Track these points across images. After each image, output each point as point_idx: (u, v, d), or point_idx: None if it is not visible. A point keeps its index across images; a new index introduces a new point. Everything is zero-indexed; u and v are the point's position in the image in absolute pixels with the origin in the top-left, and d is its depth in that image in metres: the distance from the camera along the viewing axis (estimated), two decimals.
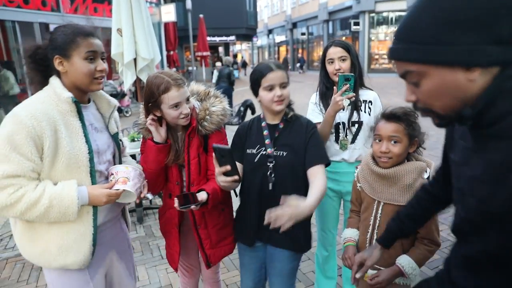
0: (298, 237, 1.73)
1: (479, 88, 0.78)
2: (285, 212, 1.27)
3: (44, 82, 1.44)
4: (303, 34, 33.59)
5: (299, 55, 34.95)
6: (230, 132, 1.85)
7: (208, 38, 18.74)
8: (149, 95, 1.64)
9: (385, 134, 1.49)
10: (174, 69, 18.40)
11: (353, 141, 2.12)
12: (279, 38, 39.69)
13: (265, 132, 1.73)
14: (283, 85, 1.66)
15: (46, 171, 1.35)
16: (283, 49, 40.53)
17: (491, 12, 0.72)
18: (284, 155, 1.69)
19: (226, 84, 8.67)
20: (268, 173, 1.67)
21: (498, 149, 0.79)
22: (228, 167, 1.45)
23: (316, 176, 1.59)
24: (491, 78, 0.77)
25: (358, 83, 2.07)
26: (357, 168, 1.76)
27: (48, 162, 1.34)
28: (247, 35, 28.10)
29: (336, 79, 1.99)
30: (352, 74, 1.92)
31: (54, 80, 1.42)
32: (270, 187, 1.67)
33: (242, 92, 14.77)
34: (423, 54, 0.78)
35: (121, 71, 4.16)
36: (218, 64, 13.26)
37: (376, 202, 1.57)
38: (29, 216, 1.31)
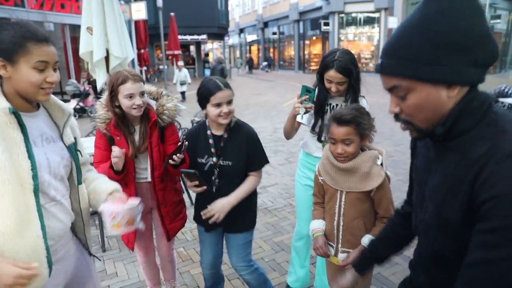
0: (242, 220, 2.04)
1: (453, 105, 0.89)
2: (213, 209, 1.87)
3: None
4: (274, 33, 33.84)
5: (271, 55, 35.23)
6: None
7: (180, 37, 18.53)
8: (111, 86, 1.89)
9: (338, 138, 1.61)
10: (144, 67, 18.16)
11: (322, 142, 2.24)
12: (251, 37, 39.79)
13: (211, 141, 1.96)
14: (230, 102, 1.88)
15: None
16: (254, 48, 40.66)
17: (472, 38, 0.83)
18: (230, 164, 1.95)
19: None
20: (213, 178, 1.96)
21: (452, 162, 0.90)
22: (196, 182, 1.86)
23: (249, 179, 2.00)
24: (460, 97, 0.88)
25: (325, 100, 2.16)
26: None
27: None
28: (219, 34, 28.00)
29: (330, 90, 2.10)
30: (313, 88, 2.08)
31: None
32: (214, 190, 1.96)
33: None
34: (414, 71, 0.86)
35: (91, 69, 4.13)
36: (181, 63, 13.24)
37: (338, 192, 1.70)
38: None
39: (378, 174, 1.62)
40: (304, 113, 2.09)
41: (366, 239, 1.64)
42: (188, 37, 25.16)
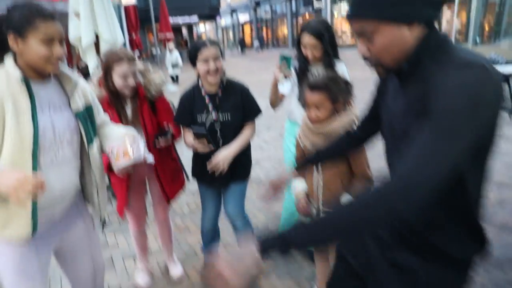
0: (240, 169, 2.21)
1: (415, 43, 0.99)
2: (217, 160, 2.02)
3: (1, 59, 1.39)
4: (266, 12, 33.48)
5: (264, 34, 34.90)
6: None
7: (171, 20, 18.37)
8: (106, 64, 2.01)
9: (311, 103, 1.76)
10: (137, 52, 18.02)
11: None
12: (243, 17, 39.32)
13: (207, 100, 2.12)
14: (217, 59, 2.01)
15: None
16: (247, 28, 40.24)
17: None
18: (229, 117, 2.11)
19: None
20: (218, 136, 2.12)
21: (415, 89, 1.01)
22: (204, 141, 2.03)
23: (245, 129, 2.17)
24: (421, 37, 0.99)
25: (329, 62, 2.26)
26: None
27: (1, 133, 1.31)
28: (210, 15, 27.69)
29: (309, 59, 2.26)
30: (291, 56, 2.23)
31: (7, 59, 1.38)
32: (220, 146, 2.12)
33: None
34: (377, 12, 0.96)
35: (82, 54, 4.19)
36: (171, 46, 13.00)
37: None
38: None
39: None
40: (285, 78, 2.24)
41: (345, 199, 1.79)
42: (180, 20, 24.91)
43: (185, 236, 3.14)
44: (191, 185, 4.16)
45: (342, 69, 2.30)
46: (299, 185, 1.97)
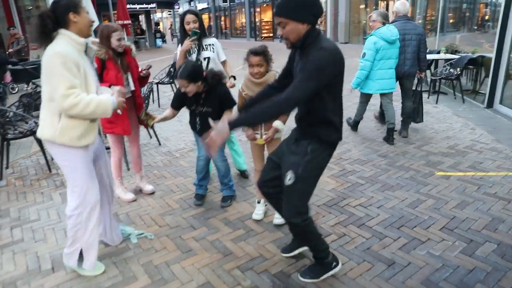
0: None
1: (304, 33, 1.90)
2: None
3: (51, 38, 2.08)
4: (224, 1, 33.87)
5: (222, 23, 35.25)
6: (164, 89, 2.89)
7: (128, 6, 18.45)
8: (106, 33, 3.04)
9: (255, 63, 2.71)
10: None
11: (206, 69, 3.34)
12: (201, 5, 39.45)
13: (194, 98, 3.00)
14: (185, 86, 2.84)
15: (83, 86, 2.12)
16: (205, 16, 40.40)
17: (313, 3, 1.86)
18: (210, 111, 3.00)
19: None
20: (197, 119, 3.08)
21: (304, 57, 1.93)
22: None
23: (225, 114, 3.02)
24: (307, 30, 1.90)
25: (203, 36, 3.52)
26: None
27: (83, 80, 2.11)
28: (168, 2, 27.77)
29: (189, 33, 3.44)
30: (198, 31, 3.37)
31: (66, 31, 2.08)
32: (197, 128, 3.11)
33: (167, 59, 15.22)
34: (287, 13, 1.87)
35: None
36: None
37: None
38: (84, 113, 2.07)
39: None
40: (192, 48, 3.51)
41: (276, 123, 2.75)
42: (137, 6, 24.81)
43: (162, 181, 3.93)
44: (162, 148, 4.96)
45: (213, 40, 3.64)
46: None
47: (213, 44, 3.60)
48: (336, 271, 2.35)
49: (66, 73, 2.01)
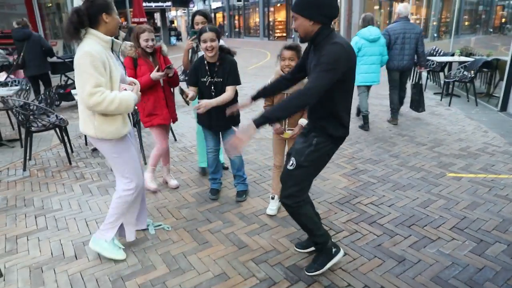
0: (230, 119, 3.06)
1: (315, 30, 2.02)
2: (201, 104, 2.90)
3: (78, 34, 2.19)
4: (239, 0, 34.00)
5: (235, 22, 35.35)
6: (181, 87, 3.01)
7: (144, 4, 18.72)
8: (136, 34, 3.28)
9: (287, 56, 2.81)
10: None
11: None
12: (215, 4, 39.68)
13: (207, 68, 3.10)
14: (212, 40, 2.94)
15: (108, 84, 2.24)
16: (219, 15, 40.63)
17: (324, 4, 1.96)
18: (220, 81, 3.11)
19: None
20: (212, 89, 3.15)
21: (318, 51, 2.03)
22: (187, 96, 3.00)
23: (226, 90, 3.10)
24: (319, 28, 2.01)
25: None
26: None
27: (109, 78, 2.23)
28: (184, 0, 28.01)
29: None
30: (197, 30, 3.23)
31: (94, 31, 2.21)
32: (213, 97, 3.14)
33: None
34: (298, 10, 2.00)
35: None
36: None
37: (283, 95, 2.84)
38: (109, 110, 2.18)
39: (301, 82, 2.76)
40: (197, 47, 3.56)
41: (302, 120, 2.86)
42: (153, 4, 25.11)
43: (178, 175, 4.04)
44: (178, 144, 5.09)
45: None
46: None
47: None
48: (339, 258, 2.43)
49: (94, 72, 2.13)
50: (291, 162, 2.23)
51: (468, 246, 2.65)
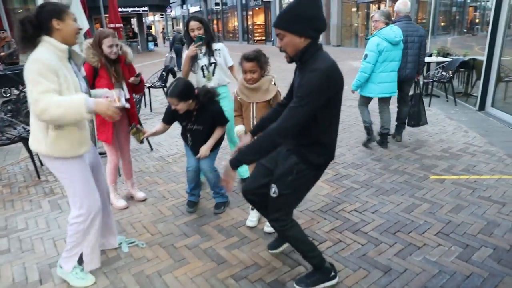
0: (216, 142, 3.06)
1: (303, 47, 1.85)
2: (201, 153, 2.98)
3: (33, 43, 2.00)
4: (217, 4, 33.88)
5: (214, 26, 35.20)
6: (156, 93, 2.83)
7: (120, 9, 18.34)
8: (98, 39, 2.95)
9: (247, 69, 2.65)
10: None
11: (213, 75, 3.50)
12: (194, 8, 39.42)
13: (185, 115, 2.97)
14: (178, 105, 2.80)
15: (62, 93, 1.99)
16: None
17: (313, 17, 1.80)
18: (201, 128, 3.00)
19: (180, 45, 13.31)
20: (188, 136, 3.08)
21: (302, 71, 1.88)
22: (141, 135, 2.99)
23: (216, 130, 3.04)
24: (307, 44, 1.85)
25: (211, 41, 3.45)
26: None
27: (64, 89, 1.99)
28: (160, 5, 27.68)
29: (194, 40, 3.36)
30: (203, 36, 3.32)
31: (48, 38, 2.00)
32: (189, 144, 3.11)
33: (159, 62, 15.14)
34: (285, 26, 1.82)
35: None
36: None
37: (251, 104, 2.73)
38: (56, 115, 1.90)
39: (273, 89, 2.68)
40: (204, 54, 3.44)
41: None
42: (129, 9, 24.70)
43: (154, 187, 3.86)
44: (154, 153, 4.90)
45: (220, 45, 3.55)
46: (239, 128, 2.87)
47: (219, 50, 3.55)
48: (333, 283, 2.30)
49: (41, 79, 1.92)
50: (273, 189, 2.09)
51: (454, 252, 2.57)
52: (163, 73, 7.88)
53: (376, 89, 4.42)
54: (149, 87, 7.48)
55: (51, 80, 1.95)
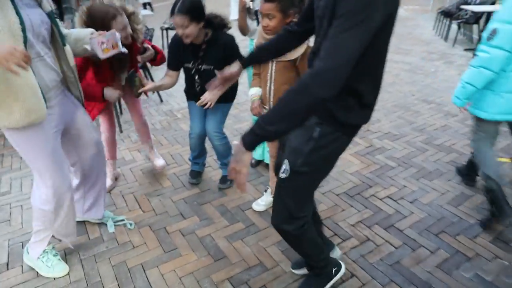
0: (226, 94, 2.30)
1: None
2: (206, 98, 2.24)
3: None
4: None
5: None
6: None
7: None
8: (101, 21, 2.09)
9: (264, 12, 1.91)
10: None
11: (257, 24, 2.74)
12: None
13: (191, 48, 2.31)
14: (184, 26, 2.12)
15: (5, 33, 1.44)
16: None
17: None
18: (211, 68, 2.32)
19: None
20: (196, 78, 2.42)
21: None
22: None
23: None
24: None
25: None
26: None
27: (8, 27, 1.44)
28: None
29: None
30: None
31: None
32: (198, 89, 2.43)
33: None
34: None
35: None
36: None
37: (270, 62, 2.05)
38: None
39: (301, 46, 1.93)
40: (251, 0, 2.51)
41: None
42: None
43: (157, 149, 3.38)
44: (164, 106, 4.39)
45: None
46: (254, 92, 2.21)
47: None
48: (340, 276, 1.88)
49: None
50: (283, 167, 1.46)
51: None
52: None
53: (503, 104, 2.17)
54: (166, 29, 6.78)
55: None
